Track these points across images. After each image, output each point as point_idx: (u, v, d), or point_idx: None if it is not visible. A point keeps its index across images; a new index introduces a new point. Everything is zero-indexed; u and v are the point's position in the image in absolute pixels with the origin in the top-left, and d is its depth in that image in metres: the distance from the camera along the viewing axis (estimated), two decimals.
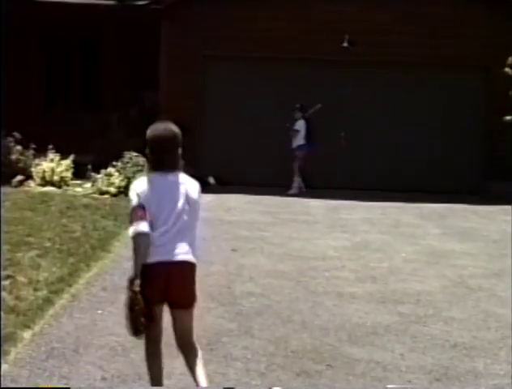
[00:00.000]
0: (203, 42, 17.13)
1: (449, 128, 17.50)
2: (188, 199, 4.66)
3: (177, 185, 4.63)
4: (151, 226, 4.46)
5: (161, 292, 4.55)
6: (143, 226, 4.41)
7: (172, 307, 4.68)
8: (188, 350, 4.74)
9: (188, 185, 4.72)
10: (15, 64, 17.81)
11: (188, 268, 4.65)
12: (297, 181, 16.78)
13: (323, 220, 12.98)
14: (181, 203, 4.60)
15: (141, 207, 4.46)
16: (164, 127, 4.68)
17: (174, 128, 4.67)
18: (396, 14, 17.07)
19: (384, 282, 8.45)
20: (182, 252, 4.58)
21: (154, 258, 4.48)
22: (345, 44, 17.05)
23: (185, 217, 4.62)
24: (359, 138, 17.46)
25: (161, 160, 4.59)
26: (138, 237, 4.42)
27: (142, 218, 4.43)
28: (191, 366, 4.69)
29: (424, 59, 17.17)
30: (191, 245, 4.66)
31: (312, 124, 16.81)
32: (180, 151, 4.68)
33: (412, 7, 17.09)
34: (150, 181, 4.57)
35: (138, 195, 4.52)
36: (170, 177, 4.62)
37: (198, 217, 4.77)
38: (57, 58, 19.14)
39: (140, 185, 4.57)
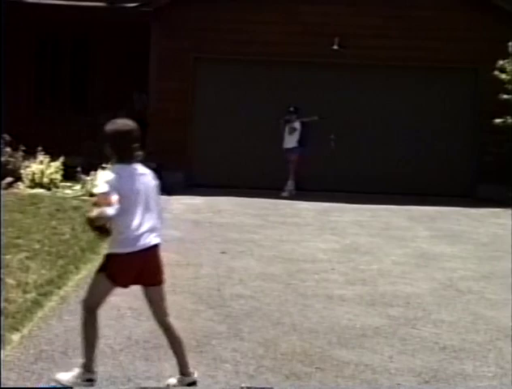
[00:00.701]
0: (193, 44, 17.13)
1: (438, 131, 17.54)
2: (150, 187, 5.02)
3: (140, 174, 4.97)
4: (120, 214, 4.69)
5: (133, 278, 5.01)
6: (110, 210, 4.62)
7: (146, 286, 5.10)
8: (169, 331, 5.10)
9: (148, 174, 5.07)
10: (6, 65, 17.77)
11: (159, 249, 5.06)
12: (291, 184, 16.79)
13: (313, 223, 12.99)
14: (146, 191, 4.95)
15: (108, 193, 4.68)
16: (124, 122, 5.02)
17: (132, 123, 5.02)
18: (386, 17, 17.09)
19: (373, 284, 8.46)
20: (153, 236, 4.95)
21: (129, 248, 4.84)
22: (335, 47, 17.07)
23: (152, 203, 4.98)
24: (349, 141, 17.48)
25: (124, 152, 4.92)
26: (101, 219, 4.64)
27: (110, 203, 4.64)
28: (176, 353, 5.07)
29: (414, 62, 17.21)
30: (158, 227, 5.02)
31: (307, 126, 16.86)
32: (138, 143, 4.98)
33: (402, 11, 17.13)
34: (116, 173, 4.84)
35: (107, 183, 4.75)
36: (133, 167, 4.94)
37: (160, 202, 5.16)
38: (46, 60, 19.13)
39: (108, 176, 4.83)
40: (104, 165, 14.54)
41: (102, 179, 4.81)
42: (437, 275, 9.06)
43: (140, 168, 4.99)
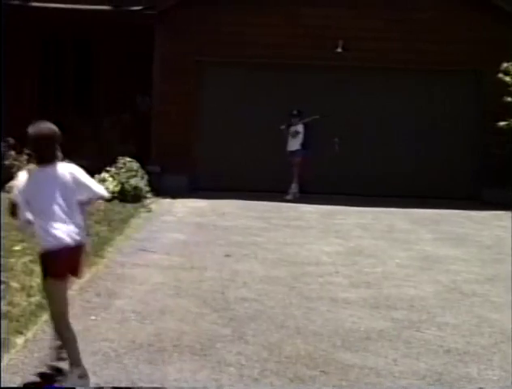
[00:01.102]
0: (197, 47, 17.15)
1: (442, 134, 17.55)
2: (69, 187, 5.10)
3: (58, 176, 5.10)
4: (37, 215, 5.00)
5: (66, 270, 5.15)
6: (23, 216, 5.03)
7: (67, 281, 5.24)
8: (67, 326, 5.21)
9: (68, 174, 5.16)
10: (9, 68, 17.80)
11: (81, 247, 5.17)
12: (295, 187, 16.79)
13: (317, 226, 12.99)
14: (65, 191, 5.07)
15: (16, 202, 5.03)
16: (43, 126, 5.16)
17: (52, 126, 5.17)
18: (388, 20, 17.11)
19: (378, 287, 8.45)
20: (75, 233, 5.04)
21: (51, 243, 5.00)
22: (339, 50, 17.08)
23: (72, 202, 5.10)
24: (352, 144, 17.49)
25: (43, 154, 5.09)
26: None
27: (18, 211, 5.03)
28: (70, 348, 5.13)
29: (417, 65, 17.22)
30: (79, 226, 5.11)
31: (310, 129, 16.86)
32: (58, 146, 5.17)
33: (405, 13, 17.14)
34: (32, 175, 5.07)
35: (18, 189, 5.05)
36: (52, 169, 5.09)
37: (92, 195, 5.31)
38: (50, 63, 19.15)
39: (22, 179, 5.09)
40: (107, 168, 14.62)
41: (15, 185, 5.10)
42: (441, 278, 9.05)
43: (61, 169, 5.12)
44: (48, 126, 5.17)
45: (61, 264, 5.06)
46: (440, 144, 17.55)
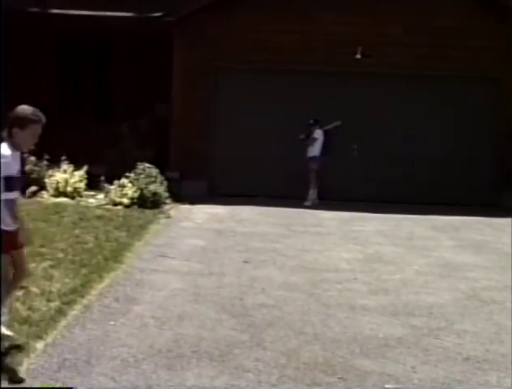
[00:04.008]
0: (215, 54, 17.21)
1: (460, 140, 17.50)
2: None
3: None
4: None
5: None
6: None
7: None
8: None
9: None
10: (29, 74, 17.93)
11: None
12: (313, 193, 16.78)
13: (336, 232, 12.97)
14: None
15: None
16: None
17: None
18: (407, 26, 17.09)
19: (396, 294, 8.43)
20: None
21: None
22: (358, 56, 17.08)
23: None
24: (371, 150, 17.47)
25: None
26: None
27: None
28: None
29: (436, 71, 17.17)
30: None
31: (330, 135, 16.86)
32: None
33: (423, 19, 17.12)
34: None
35: None
36: None
37: None
38: (70, 69, 19.27)
39: None
40: (127, 174, 14.68)
41: None
42: (460, 285, 9.02)
43: None
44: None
45: None
46: (459, 151, 17.49)
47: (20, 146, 5.71)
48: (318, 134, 16.91)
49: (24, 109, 5.75)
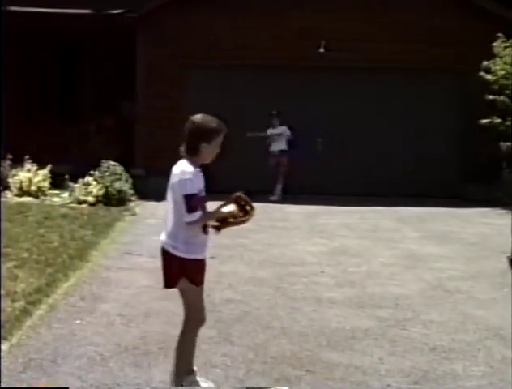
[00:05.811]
0: (179, 51, 17.13)
1: (426, 132, 17.60)
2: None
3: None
4: None
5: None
6: None
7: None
8: None
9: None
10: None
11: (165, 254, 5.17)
12: (280, 188, 16.80)
13: (302, 226, 13.01)
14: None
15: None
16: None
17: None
18: (371, 21, 17.16)
19: (362, 286, 8.48)
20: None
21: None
22: (321, 50, 17.12)
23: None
24: (336, 144, 17.51)
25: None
26: None
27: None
28: None
29: (400, 65, 17.23)
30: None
31: (295, 130, 16.89)
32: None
33: (387, 14, 17.21)
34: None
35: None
36: None
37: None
38: (34, 68, 19.08)
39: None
40: (91, 172, 14.59)
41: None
42: (426, 276, 9.09)
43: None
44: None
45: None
46: (425, 143, 17.59)
47: (204, 161, 5.23)
48: (282, 130, 16.94)
49: (209, 120, 5.22)
